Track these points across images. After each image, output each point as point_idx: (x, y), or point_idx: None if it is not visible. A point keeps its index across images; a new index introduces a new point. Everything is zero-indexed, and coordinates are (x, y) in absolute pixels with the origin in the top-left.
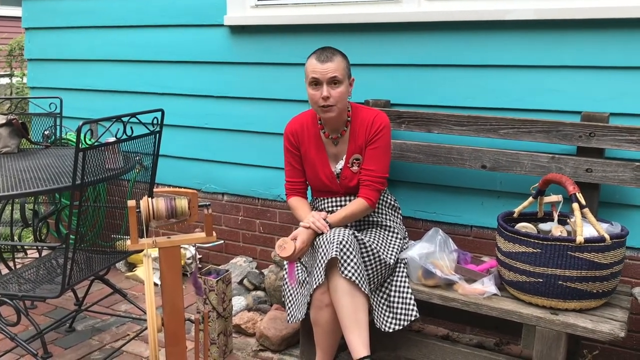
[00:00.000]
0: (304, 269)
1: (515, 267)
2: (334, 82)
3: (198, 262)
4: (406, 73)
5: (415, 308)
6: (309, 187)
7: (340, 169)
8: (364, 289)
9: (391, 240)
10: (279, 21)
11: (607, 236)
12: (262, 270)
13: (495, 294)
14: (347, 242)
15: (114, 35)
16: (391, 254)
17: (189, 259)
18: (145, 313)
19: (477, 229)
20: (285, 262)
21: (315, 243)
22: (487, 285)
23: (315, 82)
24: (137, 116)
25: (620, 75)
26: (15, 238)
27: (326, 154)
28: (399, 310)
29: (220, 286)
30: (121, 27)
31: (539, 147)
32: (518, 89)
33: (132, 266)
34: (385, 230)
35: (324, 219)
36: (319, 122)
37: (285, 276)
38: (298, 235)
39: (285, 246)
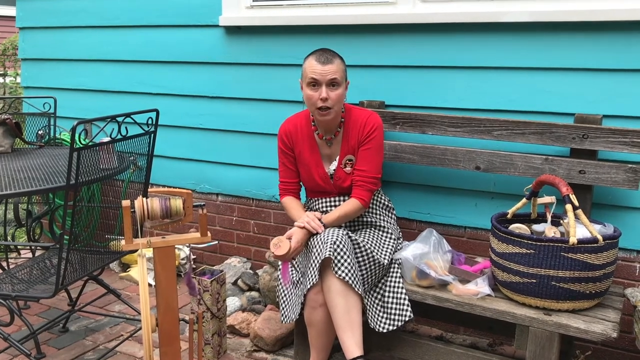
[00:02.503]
0: (298, 269)
1: (508, 267)
2: (332, 84)
3: (192, 262)
4: (401, 74)
5: (409, 308)
6: (303, 188)
7: (334, 170)
8: (358, 289)
9: (385, 240)
10: (274, 22)
11: (599, 237)
12: (257, 271)
13: (488, 295)
14: (341, 242)
15: (108, 35)
16: (385, 254)
17: (183, 259)
18: (139, 313)
19: (471, 230)
20: (279, 262)
21: (309, 243)
22: (480, 286)
23: (314, 83)
24: (132, 116)
25: (613, 78)
26: (9, 238)
27: (320, 154)
28: (393, 311)
29: (214, 286)
30: (115, 27)
31: (532, 149)
32: (512, 90)
33: (126, 266)
34: (379, 230)
35: (319, 219)
36: (312, 123)
37: (280, 276)
38: (293, 235)
39: (280, 245)
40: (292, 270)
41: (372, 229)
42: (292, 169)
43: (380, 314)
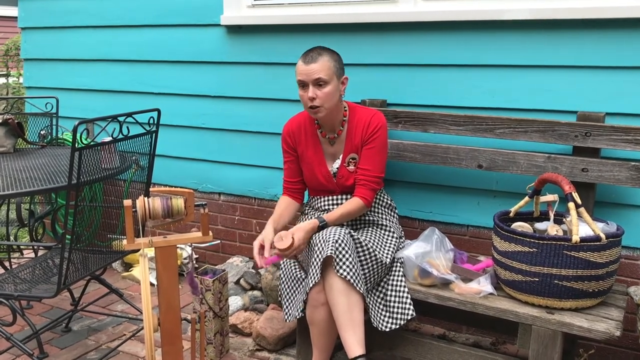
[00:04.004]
0: (300, 267)
1: (511, 266)
2: (319, 83)
3: (194, 261)
4: (402, 73)
5: (411, 307)
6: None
7: (337, 168)
8: (359, 288)
9: (387, 239)
10: (275, 21)
11: (602, 235)
12: (259, 270)
13: (491, 293)
14: (342, 241)
15: (110, 35)
16: (387, 253)
17: (185, 258)
18: (141, 313)
19: (474, 229)
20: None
21: (311, 241)
22: (483, 285)
23: (302, 84)
24: (134, 116)
25: (615, 75)
26: (11, 238)
27: (323, 153)
28: (395, 310)
29: (216, 286)
30: (117, 26)
31: (535, 147)
32: (514, 88)
33: (128, 266)
34: (381, 229)
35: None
36: (315, 121)
37: (281, 275)
38: (295, 233)
39: (283, 238)
40: (294, 268)
41: (375, 227)
42: (294, 169)
43: (383, 313)
